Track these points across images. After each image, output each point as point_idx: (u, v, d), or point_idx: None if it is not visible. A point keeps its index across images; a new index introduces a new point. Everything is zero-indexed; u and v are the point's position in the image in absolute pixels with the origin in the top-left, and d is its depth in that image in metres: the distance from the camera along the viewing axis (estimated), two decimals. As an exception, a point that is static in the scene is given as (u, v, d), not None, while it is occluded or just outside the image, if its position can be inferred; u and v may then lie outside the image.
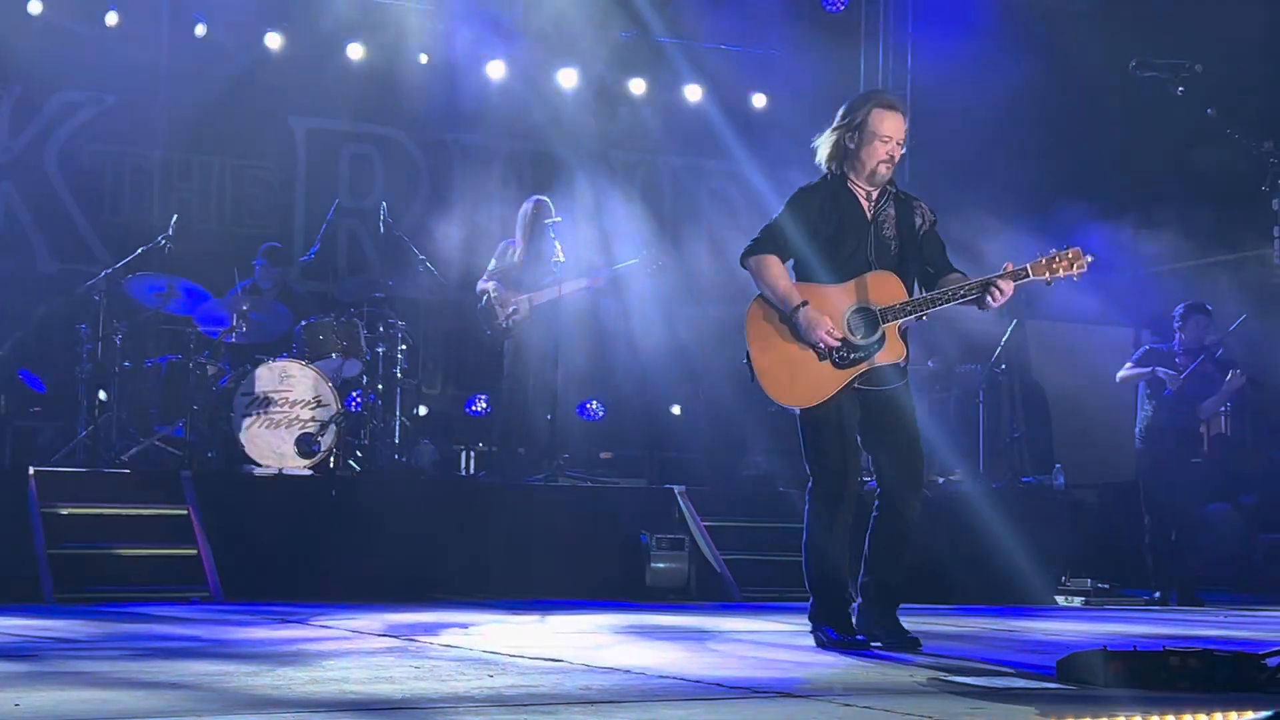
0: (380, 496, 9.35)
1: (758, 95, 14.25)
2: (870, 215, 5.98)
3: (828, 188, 6.04)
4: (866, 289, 5.86)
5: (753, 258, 5.99)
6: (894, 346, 5.89)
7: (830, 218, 5.94)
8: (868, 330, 5.83)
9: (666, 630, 6.98)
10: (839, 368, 5.83)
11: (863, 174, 5.97)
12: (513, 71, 13.36)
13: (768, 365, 5.94)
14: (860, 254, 5.92)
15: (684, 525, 9.86)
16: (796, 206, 6.03)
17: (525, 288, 10.47)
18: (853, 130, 5.96)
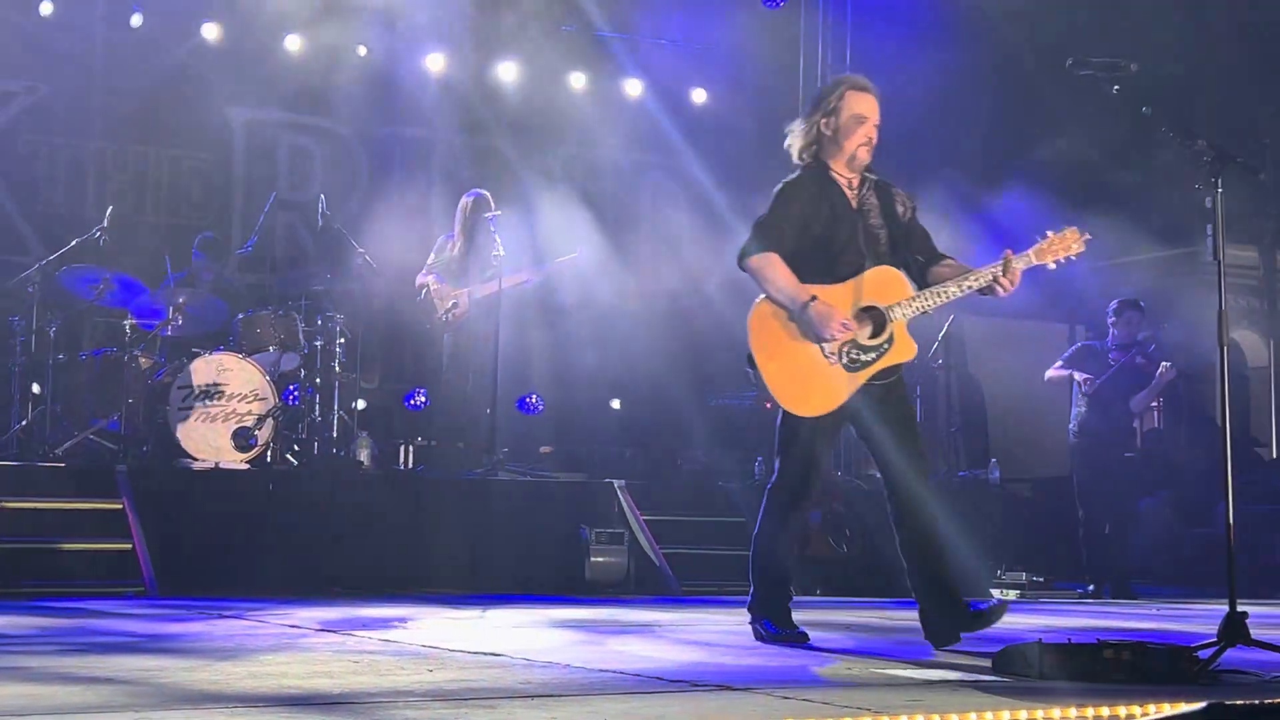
0: (318, 491, 9.31)
1: (698, 90, 14.28)
2: (856, 205, 5.74)
3: (812, 179, 5.77)
4: (869, 287, 5.59)
5: (752, 257, 5.63)
6: (905, 345, 5.63)
7: (821, 210, 5.67)
8: (875, 330, 5.56)
9: (606, 624, 6.99)
10: (850, 371, 5.55)
11: (843, 159, 5.73)
12: (453, 65, 13.32)
13: (776, 372, 5.59)
14: (854, 247, 5.66)
15: (623, 519, 9.88)
16: (787, 199, 5.71)
17: (465, 282, 10.44)
18: (829, 115, 5.74)
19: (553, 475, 10.64)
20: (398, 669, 4.82)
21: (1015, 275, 5.56)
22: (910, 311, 5.57)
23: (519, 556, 9.44)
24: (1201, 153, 5.06)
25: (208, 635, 6.11)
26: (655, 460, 11.82)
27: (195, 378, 9.58)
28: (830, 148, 5.75)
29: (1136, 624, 7.59)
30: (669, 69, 14.14)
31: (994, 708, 4.00)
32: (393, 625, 6.58)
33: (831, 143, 5.74)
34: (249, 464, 9.53)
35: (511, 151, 13.85)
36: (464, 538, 9.36)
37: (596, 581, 9.39)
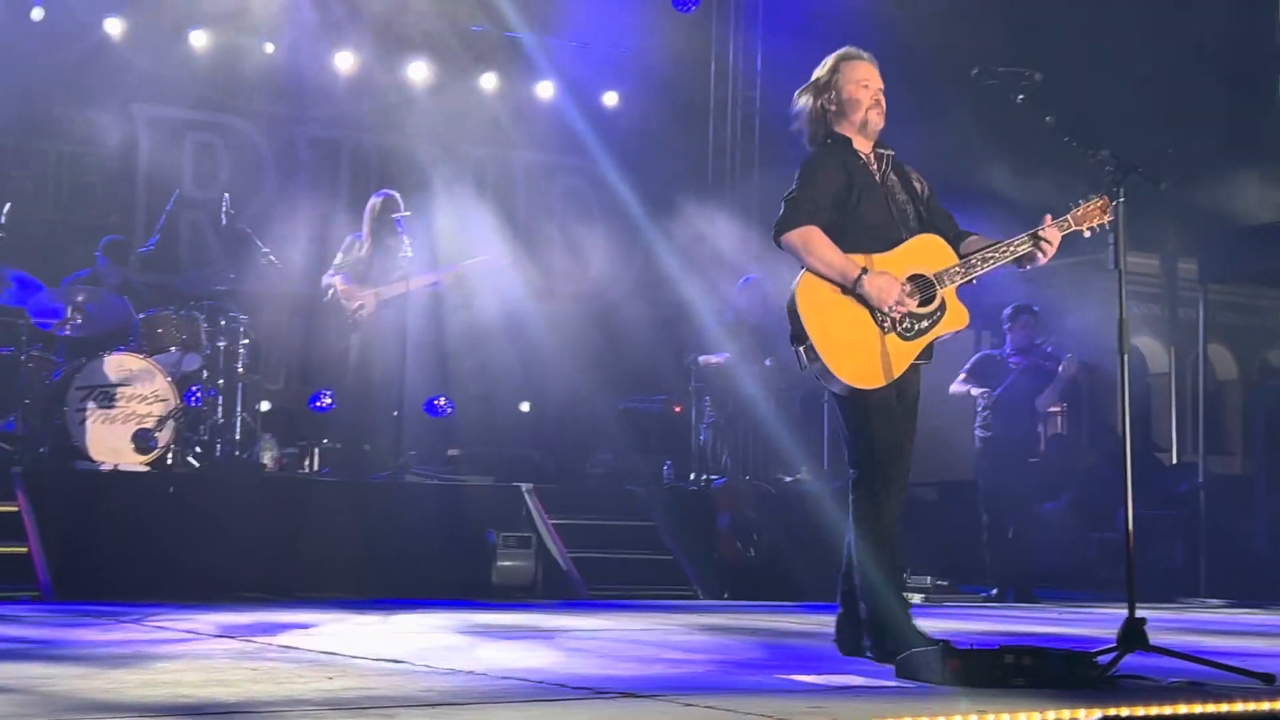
0: (219, 494, 9.17)
1: (610, 93, 14.26)
2: (879, 179, 5.54)
3: (833, 154, 5.53)
4: (914, 254, 5.39)
5: (793, 231, 5.35)
6: (957, 313, 5.44)
7: (850, 183, 5.45)
8: (925, 298, 5.35)
9: (511, 629, 6.93)
10: (905, 339, 5.33)
11: (856, 129, 5.53)
12: (362, 62, 13.20)
13: (834, 348, 5.25)
14: (888, 220, 5.45)
15: (531, 523, 9.84)
16: (814, 173, 5.46)
17: (372, 282, 10.34)
18: (829, 91, 5.55)
19: (460, 478, 10.56)
20: (296, 677, 4.74)
21: (1056, 239, 5.43)
22: (958, 278, 5.40)
23: (424, 560, 9.36)
24: (1103, 163, 5.10)
25: (103, 641, 5.98)
26: (564, 464, 11.79)
27: (95, 378, 9.39)
28: (840, 121, 5.55)
29: (1039, 628, 7.66)
30: (581, 71, 14.11)
31: (895, 714, 4.01)
32: (293, 631, 6.48)
33: (840, 116, 5.54)
34: (149, 466, 9.37)
35: (422, 152, 13.76)
36: (369, 542, 9.27)
37: (503, 586, 9.34)
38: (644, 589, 9.78)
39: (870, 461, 5.39)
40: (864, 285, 5.24)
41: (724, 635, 6.84)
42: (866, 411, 5.34)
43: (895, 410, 5.37)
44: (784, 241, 5.38)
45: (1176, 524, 12.30)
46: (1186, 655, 4.98)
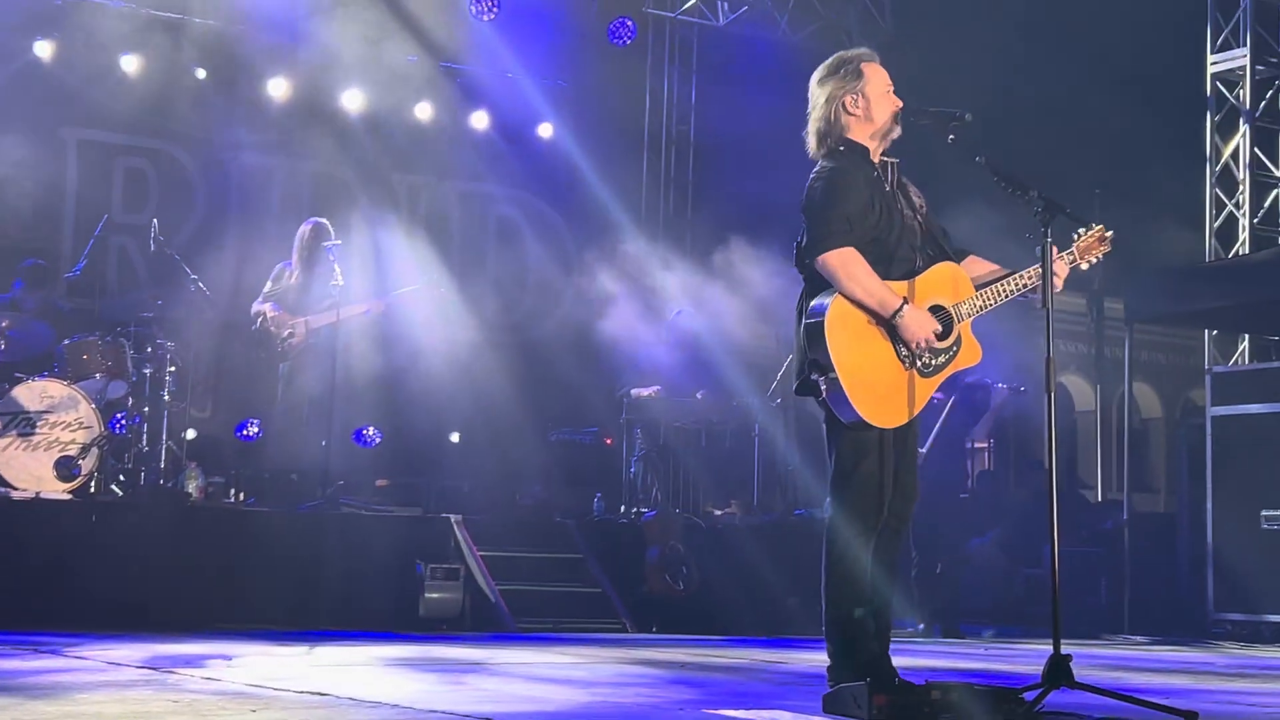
0: (143, 523, 9.03)
1: (544, 124, 14.26)
2: (891, 192, 5.26)
3: (855, 165, 5.20)
4: (934, 284, 5.18)
5: (832, 253, 5.03)
6: (972, 348, 5.25)
7: (872, 200, 5.16)
8: (943, 332, 5.14)
9: (438, 662, 6.88)
10: (924, 375, 5.13)
11: (877, 137, 5.25)
12: (295, 90, 13.12)
13: (859, 382, 5.01)
14: (905, 241, 5.20)
15: (460, 555, 9.77)
16: (845, 184, 5.14)
17: (302, 311, 10.27)
18: (854, 93, 5.23)
19: (388, 509, 10.48)
20: (219, 709, 4.68)
21: (1064, 273, 5.30)
22: (974, 311, 5.22)
23: (351, 592, 9.27)
24: (1032, 203, 5.14)
25: (21, 672, 5.87)
26: (494, 495, 11.71)
27: (16, 404, 9.26)
28: (864, 129, 5.25)
29: (965, 664, 7.69)
30: (516, 102, 14.11)
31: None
32: (216, 663, 6.40)
33: (864, 120, 5.24)
34: (71, 494, 9.23)
35: (355, 180, 13.71)
36: (294, 572, 9.17)
37: (431, 618, 9.27)
38: (573, 622, 9.74)
39: (853, 497, 5.14)
40: (903, 317, 5.01)
41: (652, 669, 6.81)
42: (865, 447, 5.11)
43: (889, 449, 5.15)
44: (822, 263, 5.05)
45: (1101, 561, 12.41)
46: (1111, 693, 5.02)
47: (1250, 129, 13.43)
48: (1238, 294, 11.90)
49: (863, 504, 5.13)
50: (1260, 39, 13.42)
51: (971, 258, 5.40)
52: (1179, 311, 12.80)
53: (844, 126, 5.26)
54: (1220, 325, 13.46)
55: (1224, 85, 13.62)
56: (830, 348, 5.00)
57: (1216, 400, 11.44)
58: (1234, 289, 11.94)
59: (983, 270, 5.37)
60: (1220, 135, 13.63)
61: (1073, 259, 5.38)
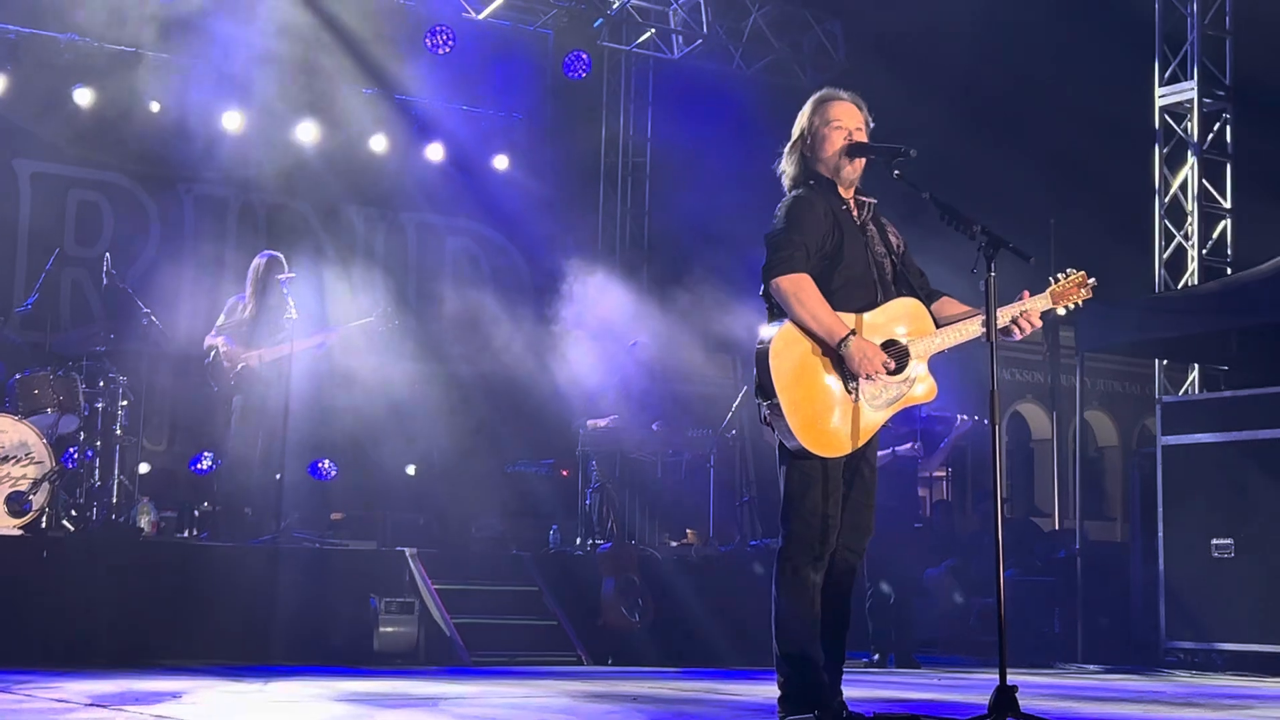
0: (95, 558, 8.96)
1: (500, 156, 14.31)
2: (860, 225, 5.34)
3: (819, 195, 5.30)
4: (892, 318, 5.22)
5: (785, 278, 5.10)
6: (929, 385, 5.26)
7: (832, 230, 5.22)
8: (897, 366, 5.17)
9: (392, 697, 6.86)
10: (874, 409, 5.14)
11: (831, 172, 5.34)
12: (250, 123, 13.13)
13: (801, 410, 5.03)
14: (866, 273, 5.25)
15: (414, 588, 9.75)
16: (804, 212, 5.22)
17: (255, 344, 10.24)
18: (810, 130, 5.38)
19: (342, 543, 10.45)
20: (166, 748, 4.65)
21: (1034, 317, 5.36)
22: (932, 348, 5.26)
23: (306, 627, 9.22)
24: (976, 238, 5.19)
25: (-33, 711, 5.83)
26: (449, 528, 11.70)
27: (-35, 440, 9.19)
28: (823, 162, 5.35)
29: (917, 694, 7.72)
30: (472, 134, 14.17)
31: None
32: (167, 700, 6.36)
33: (815, 161, 5.37)
34: (22, 530, 9.16)
35: (310, 212, 13.72)
36: (248, 607, 9.12)
37: (385, 652, 9.23)
38: (528, 655, 9.73)
39: (802, 528, 5.15)
40: (849, 346, 5.03)
41: (605, 702, 6.81)
42: (811, 476, 5.13)
43: (839, 480, 5.17)
44: (775, 286, 5.12)
45: (1055, 590, 12.47)
46: (1057, 723, 5.05)
47: (1198, 161, 13.58)
48: (1187, 324, 12.02)
49: (809, 533, 5.15)
50: (1207, 72, 13.59)
51: (945, 299, 5.44)
52: (1130, 341, 12.90)
53: (809, 161, 5.40)
54: (1170, 355, 13.58)
55: (1172, 118, 13.78)
56: (774, 374, 5.05)
57: (1167, 430, 11.53)
58: (1183, 319, 12.06)
59: (955, 311, 5.40)
60: (1169, 167, 13.78)
61: (1046, 302, 5.42)
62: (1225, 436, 11.16)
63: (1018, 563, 12.93)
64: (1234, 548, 10.97)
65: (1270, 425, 10.90)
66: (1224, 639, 11.01)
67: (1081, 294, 5.47)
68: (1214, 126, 13.70)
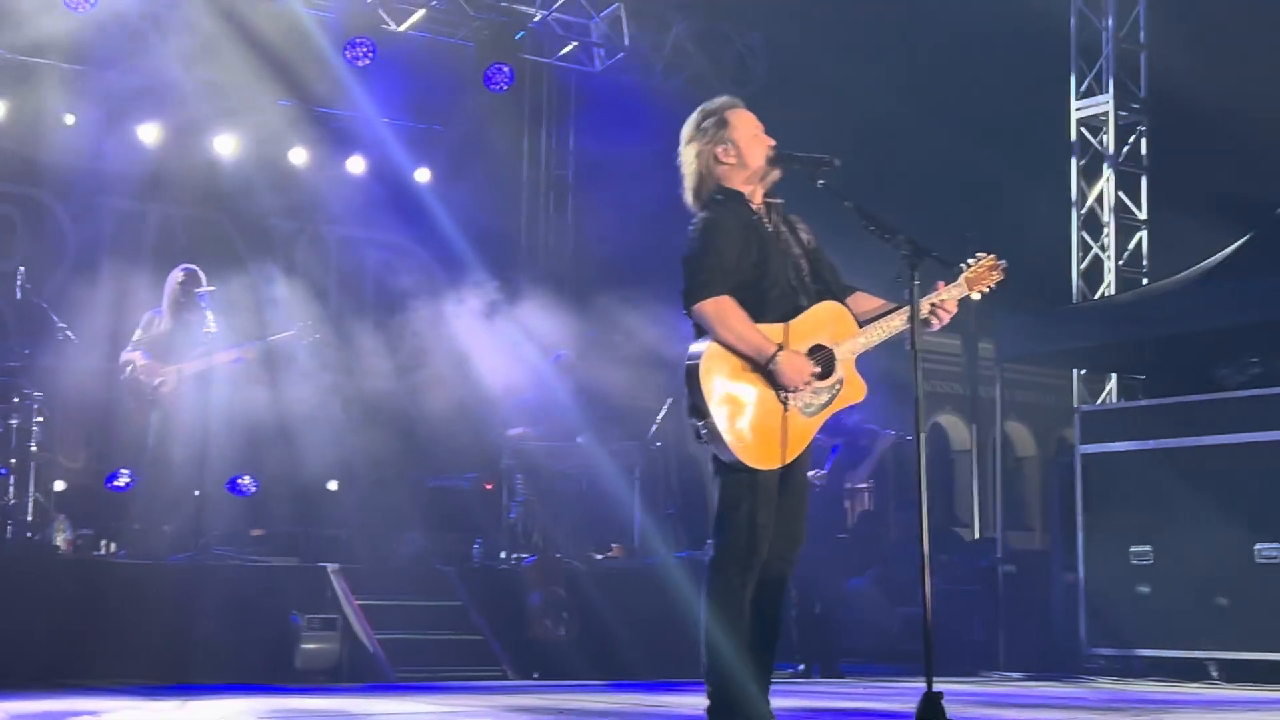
0: (10, 577, 8.80)
1: (421, 169, 14.23)
2: (774, 232, 5.30)
3: (731, 212, 5.25)
4: (815, 324, 5.21)
5: (707, 301, 5.09)
6: (856, 386, 5.27)
7: (750, 245, 5.20)
8: (825, 371, 5.17)
9: (313, 714, 6.79)
10: (806, 415, 5.14)
11: (754, 182, 5.30)
12: (168, 135, 12.96)
13: (736, 426, 5.04)
14: (785, 282, 5.23)
15: (337, 604, 9.64)
16: (717, 233, 5.19)
17: (173, 359, 10.09)
18: (723, 143, 5.28)
19: (263, 559, 10.32)
20: (82, 769, 4.57)
21: (952, 305, 5.35)
22: (857, 349, 5.26)
23: (226, 644, 9.08)
24: (900, 246, 5.21)
25: (-124, 735, 5.69)
26: (373, 543, 11.57)
27: (-125, 457, 9.00)
28: (739, 175, 5.29)
29: (842, 704, 7.75)
30: (393, 147, 14.07)
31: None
32: None
33: (739, 167, 5.29)
34: (-67, 549, 8.98)
35: (229, 225, 13.57)
36: (166, 625, 8.97)
37: (307, 669, 9.12)
38: (453, 670, 9.65)
39: (734, 539, 5.13)
40: (778, 364, 5.03)
41: (529, 715, 6.78)
42: (745, 489, 5.11)
43: (773, 491, 5.15)
44: (697, 311, 5.11)
45: (977, 599, 12.56)
46: (982, 729, 5.07)
47: (1114, 173, 13.76)
48: (1104, 334, 12.17)
49: (742, 545, 5.13)
50: (1123, 85, 13.78)
51: (859, 294, 5.42)
52: (1048, 351, 13.06)
53: (719, 177, 5.30)
54: (1088, 365, 13.75)
55: (1088, 130, 13.95)
56: (705, 392, 5.04)
57: (1085, 438, 11.66)
58: (1100, 329, 12.21)
59: (870, 306, 5.38)
60: (1085, 179, 13.95)
61: (961, 289, 5.41)
62: (1143, 445, 11.30)
63: (939, 572, 13.01)
64: (1152, 555, 11.11)
65: (1187, 433, 11.05)
66: (1144, 645, 11.14)
67: (994, 277, 5.46)
68: (1129, 139, 13.89)
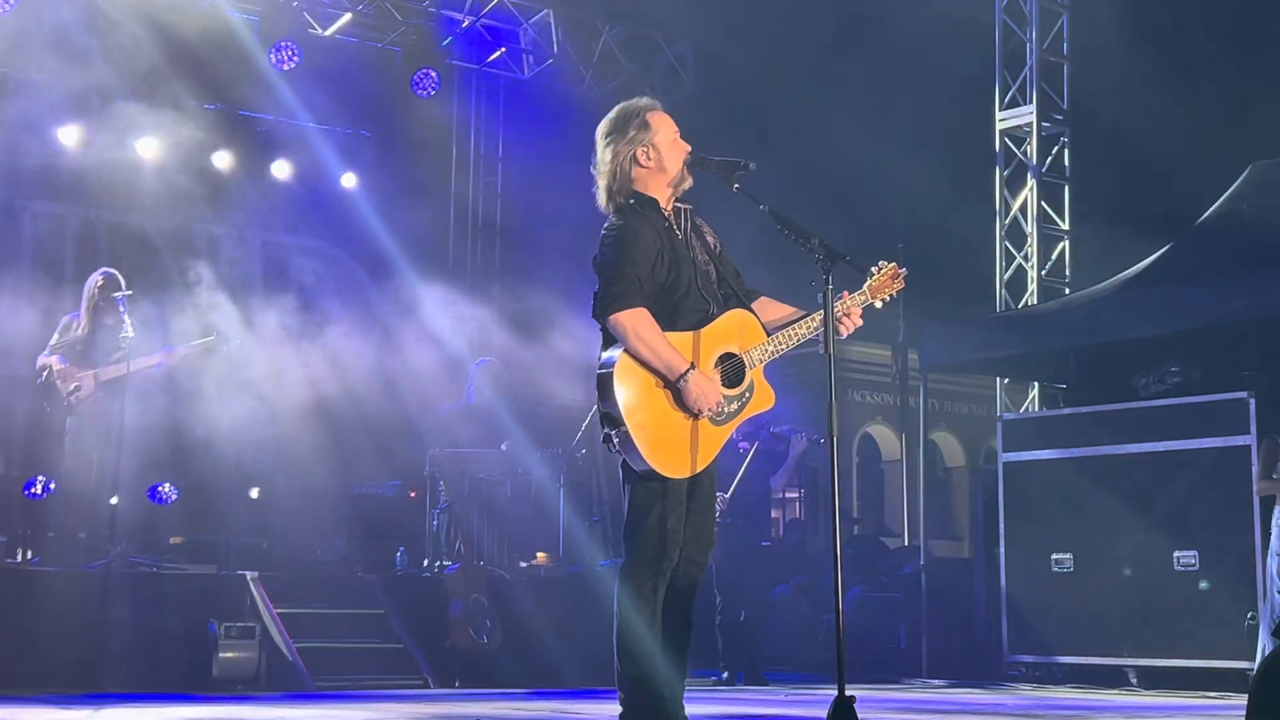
0: (-80, 585, 8.66)
1: (348, 174, 14.13)
2: (684, 239, 5.28)
3: (645, 218, 5.23)
4: (725, 332, 5.22)
5: (623, 313, 5.06)
6: (765, 394, 5.28)
7: (662, 252, 5.19)
8: (735, 379, 5.19)
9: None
10: (716, 424, 5.15)
11: (669, 188, 5.30)
12: (90, 138, 12.79)
13: (648, 435, 5.03)
14: (695, 290, 5.23)
15: (255, 612, 9.54)
16: (632, 241, 5.15)
17: (90, 363, 9.95)
18: (644, 146, 5.26)
19: (180, 567, 10.19)
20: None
21: (855, 315, 5.35)
22: (765, 356, 5.26)
23: (141, 653, 8.97)
24: (814, 250, 5.22)
25: None
26: (294, 551, 11.46)
27: None
28: (655, 179, 5.28)
29: (762, 710, 7.74)
30: (319, 152, 13.98)
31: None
32: (-12, 730, 6.14)
33: (657, 173, 5.28)
34: None
35: (151, 230, 13.39)
36: (80, 633, 8.85)
37: (225, 678, 9.02)
38: (373, 679, 9.57)
39: (645, 545, 5.15)
40: (687, 383, 5.03)
41: (447, 724, 6.72)
42: (656, 496, 5.13)
43: (683, 496, 5.17)
44: (613, 323, 5.08)
45: (900, 606, 12.61)
46: (895, 734, 5.08)
47: (1037, 184, 13.90)
48: (1027, 343, 12.28)
49: (653, 550, 5.13)
50: (1046, 96, 13.93)
51: (764, 299, 5.43)
52: (971, 360, 13.15)
53: (633, 179, 5.28)
54: (1011, 374, 13.87)
55: (1012, 141, 14.09)
56: (619, 400, 5.03)
57: (1008, 447, 11.75)
58: (1023, 338, 12.32)
59: (777, 314, 5.39)
60: (1009, 190, 14.09)
61: (865, 298, 5.42)
62: (1064, 453, 11.40)
63: (864, 580, 13.06)
64: (1073, 562, 11.20)
65: (1107, 442, 11.17)
66: (1064, 653, 11.23)
67: (895, 285, 5.48)
68: (1052, 150, 14.04)
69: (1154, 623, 10.71)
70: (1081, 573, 11.14)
